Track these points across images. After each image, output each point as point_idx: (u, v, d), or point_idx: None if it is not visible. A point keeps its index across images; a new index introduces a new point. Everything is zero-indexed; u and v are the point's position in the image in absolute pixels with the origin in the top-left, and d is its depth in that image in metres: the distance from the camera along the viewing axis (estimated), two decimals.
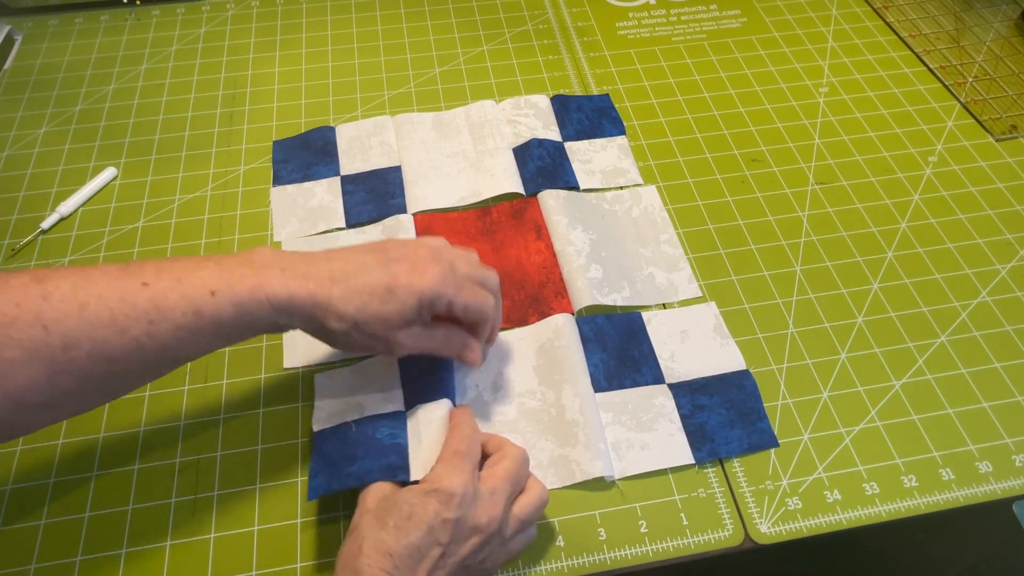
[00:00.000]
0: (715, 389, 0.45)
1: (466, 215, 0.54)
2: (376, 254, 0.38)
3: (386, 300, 0.37)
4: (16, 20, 0.70)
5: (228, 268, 0.35)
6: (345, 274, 0.37)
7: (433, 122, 0.61)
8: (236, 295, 0.35)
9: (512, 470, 0.37)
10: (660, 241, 0.53)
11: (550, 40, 0.69)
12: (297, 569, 0.39)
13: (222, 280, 0.35)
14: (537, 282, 0.50)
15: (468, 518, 0.34)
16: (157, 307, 0.33)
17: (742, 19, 0.72)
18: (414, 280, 0.37)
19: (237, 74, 0.65)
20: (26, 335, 0.31)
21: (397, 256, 0.38)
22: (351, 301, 0.36)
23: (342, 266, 0.37)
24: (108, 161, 0.58)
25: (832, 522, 0.41)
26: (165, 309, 0.34)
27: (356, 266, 0.37)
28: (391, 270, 0.37)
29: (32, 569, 0.39)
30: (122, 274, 0.34)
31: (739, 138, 0.60)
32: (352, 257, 0.38)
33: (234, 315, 0.35)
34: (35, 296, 0.32)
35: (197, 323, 0.34)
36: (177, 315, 0.34)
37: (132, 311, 0.33)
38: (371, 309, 0.37)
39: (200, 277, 0.35)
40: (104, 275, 0.34)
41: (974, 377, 0.46)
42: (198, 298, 0.34)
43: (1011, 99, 0.63)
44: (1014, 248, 0.53)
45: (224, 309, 0.35)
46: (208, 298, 0.34)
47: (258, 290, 0.35)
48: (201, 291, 0.34)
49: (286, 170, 0.58)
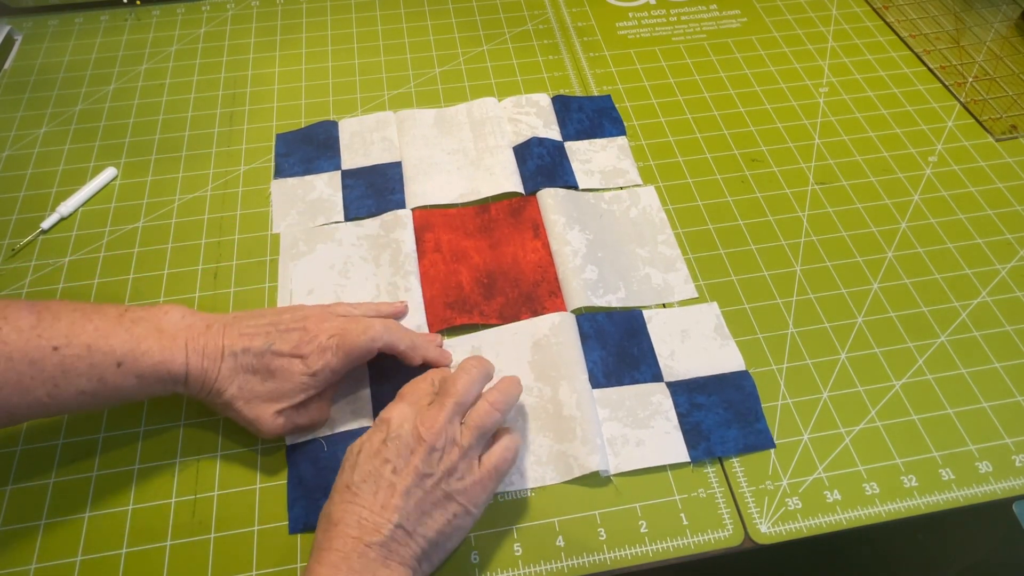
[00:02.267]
0: (713, 389, 0.45)
1: (464, 211, 0.54)
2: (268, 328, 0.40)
3: (266, 379, 0.39)
4: (16, 20, 0.70)
5: (137, 338, 0.37)
6: (234, 352, 0.39)
7: (435, 118, 0.61)
8: (140, 368, 0.37)
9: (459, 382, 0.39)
10: (658, 241, 0.53)
11: (550, 40, 0.69)
12: (297, 569, 0.39)
13: (129, 352, 0.37)
14: (532, 281, 0.50)
15: (407, 432, 0.36)
16: (64, 372, 0.35)
17: (742, 19, 0.72)
18: (293, 366, 0.39)
19: (237, 74, 0.65)
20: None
21: (286, 331, 0.40)
22: (234, 381, 0.39)
23: (233, 343, 0.39)
24: (108, 161, 0.58)
25: (832, 522, 0.41)
26: (71, 375, 0.35)
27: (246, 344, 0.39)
28: (274, 350, 0.39)
29: (32, 569, 0.39)
30: (35, 332, 0.35)
31: (739, 138, 0.60)
32: (247, 332, 0.40)
33: (135, 385, 0.37)
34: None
35: (99, 389, 0.36)
36: (82, 381, 0.36)
37: (39, 375, 0.35)
38: (250, 388, 0.39)
39: (110, 345, 0.36)
40: (17, 332, 0.35)
41: (974, 377, 0.46)
42: (104, 368, 0.36)
43: (1011, 99, 0.63)
44: (1014, 248, 0.53)
45: (127, 380, 0.37)
46: (113, 369, 0.36)
47: (160, 366, 0.37)
48: (108, 361, 0.36)
49: (288, 163, 0.58)
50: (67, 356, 0.35)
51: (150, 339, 0.37)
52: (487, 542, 0.40)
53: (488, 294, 0.50)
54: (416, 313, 0.48)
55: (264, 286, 0.50)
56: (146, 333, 0.37)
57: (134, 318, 0.38)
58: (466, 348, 0.47)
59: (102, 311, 0.38)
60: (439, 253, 0.52)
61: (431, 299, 0.49)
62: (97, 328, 0.37)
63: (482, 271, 0.51)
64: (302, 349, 0.40)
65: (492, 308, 0.49)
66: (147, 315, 0.39)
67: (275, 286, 0.50)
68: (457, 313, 0.48)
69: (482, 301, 0.49)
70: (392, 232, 0.53)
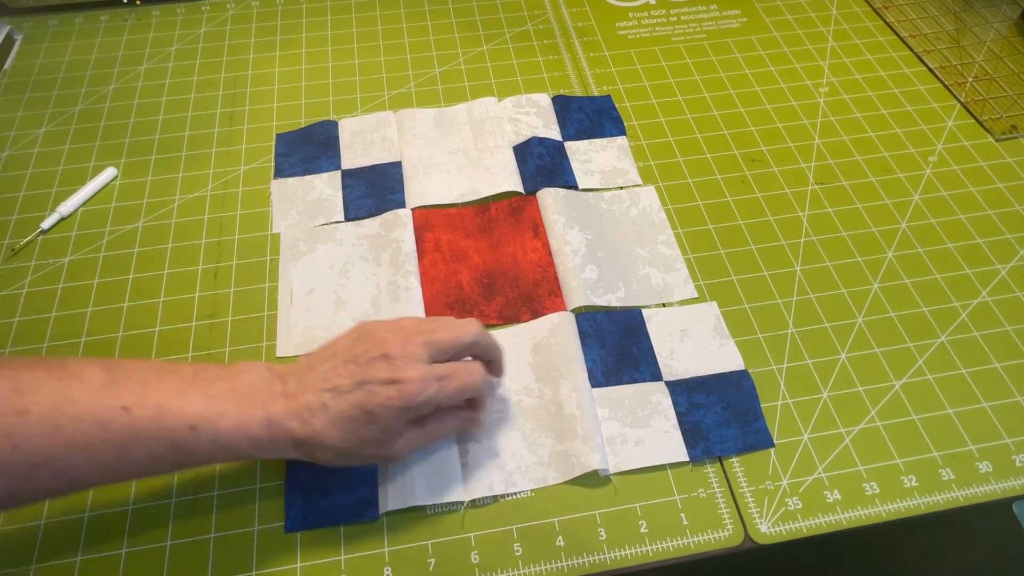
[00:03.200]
0: (712, 388, 0.45)
1: (464, 211, 0.54)
2: (350, 366, 0.36)
3: (369, 422, 0.35)
4: (16, 20, 0.70)
5: (212, 398, 0.34)
6: (323, 403, 0.35)
7: (435, 118, 0.61)
8: (216, 433, 0.34)
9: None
10: (658, 242, 0.53)
11: (550, 40, 0.69)
12: (297, 569, 0.39)
13: (204, 414, 0.34)
14: (531, 280, 0.50)
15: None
16: (134, 436, 0.32)
17: (742, 19, 0.72)
18: (392, 396, 0.35)
19: (237, 74, 0.65)
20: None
21: (368, 363, 0.36)
22: (334, 433, 0.35)
23: (318, 396, 0.35)
24: (108, 161, 0.58)
25: (832, 522, 0.41)
26: (142, 438, 0.33)
27: (332, 390, 0.36)
28: (367, 388, 0.35)
29: (32, 569, 0.39)
30: (104, 391, 0.32)
31: (739, 138, 0.60)
32: (328, 377, 0.36)
33: (211, 450, 0.34)
34: (11, 410, 0.30)
35: (172, 455, 0.34)
36: (153, 445, 0.33)
37: (108, 438, 0.32)
38: (356, 435, 0.36)
39: (182, 406, 0.33)
40: (86, 390, 0.32)
41: (974, 377, 0.46)
42: (176, 431, 0.33)
43: (1011, 99, 0.63)
44: (1014, 248, 0.53)
45: (202, 445, 0.34)
46: (187, 433, 0.33)
47: (238, 430, 0.34)
48: (181, 425, 0.33)
49: (288, 163, 0.58)
50: (137, 418, 0.32)
51: (226, 400, 0.34)
52: (487, 542, 0.40)
53: (488, 294, 0.50)
54: (416, 312, 0.48)
55: (264, 286, 0.50)
56: (221, 394, 0.35)
57: (209, 377, 0.35)
58: None
59: (176, 370, 0.35)
60: (439, 253, 0.52)
61: (431, 299, 0.49)
62: (170, 388, 0.34)
63: (482, 271, 0.51)
64: (395, 375, 0.36)
65: (492, 308, 0.49)
66: (223, 374, 0.36)
67: (275, 286, 0.50)
68: (457, 313, 0.48)
69: (482, 301, 0.49)
70: (392, 231, 0.53)
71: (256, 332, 0.48)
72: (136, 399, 0.33)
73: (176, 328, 0.48)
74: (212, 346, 0.47)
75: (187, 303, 0.50)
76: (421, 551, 0.40)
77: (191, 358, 0.47)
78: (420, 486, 0.41)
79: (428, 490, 0.41)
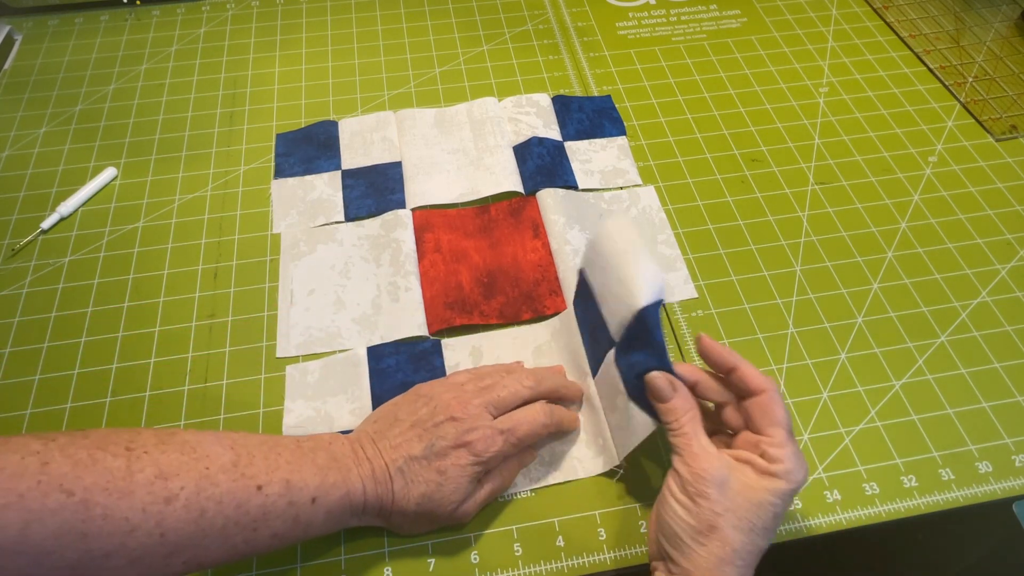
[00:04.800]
0: None
1: (464, 212, 0.54)
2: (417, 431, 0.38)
3: (441, 484, 0.36)
4: (16, 20, 0.70)
5: (322, 469, 0.35)
6: (399, 468, 0.36)
7: (435, 118, 0.61)
8: (329, 503, 0.34)
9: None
10: (658, 241, 0.53)
11: (550, 40, 0.69)
12: (297, 569, 0.39)
13: (320, 486, 0.34)
14: (532, 280, 0.50)
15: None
16: (264, 514, 0.32)
17: (742, 19, 0.72)
18: (462, 457, 0.37)
19: (237, 74, 0.65)
20: (140, 544, 0.29)
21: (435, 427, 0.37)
22: (411, 496, 0.36)
23: (393, 462, 0.37)
24: (108, 161, 0.58)
25: (832, 522, 0.41)
26: (271, 517, 0.32)
27: (406, 455, 0.37)
28: (438, 450, 0.37)
29: None
30: (237, 471, 0.32)
31: (739, 138, 0.60)
32: (399, 444, 0.37)
33: (322, 521, 0.35)
34: (161, 498, 0.29)
35: (291, 531, 0.33)
36: (279, 523, 0.33)
37: (243, 519, 0.32)
38: (429, 498, 0.36)
39: (304, 480, 0.34)
40: (223, 473, 0.31)
41: (974, 377, 0.46)
42: (300, 506, 0.33)
43: (1011, 99, 0.63)
44: (1014, 248, 0.53)
45: (317, 516, 0.34)
46: (308, 506, 0.34)
47: (345, 499, 0.35)
48: (304, 498, 0.33)
49: (288, 163, 0.58)
50: (269, 496, 0.32)
51: (333, 471, 0.35)
52: (487, 542, 0.40)
53: (488, 294, 0.50)
54: (416, 313, 0.48)
55: (264, 286, 0.50)
56: (328, 464, 0.35)
57: (311, 448, 0.35)
58: (466, 350, 0.47)
59: (281, 442, 0.35)
60: (439, 253, 0.52)
61: (431, 299, 0.49)
62: (289, 462, 0.34)
63: (482, 271, 0.51)
64: (464, 438, 0.37)
65: (492, 308, 0.49)
66: (318, 445, 0.36)
67: (275, 286, 0.50)
68: (457, 313, 0.48)
69: (482, 301, 0.49)
70: (392, 232, 0.53)
71: (256, 332, 0.48)
72: (266, 477, 0.33)
73: (176, 328, 0.48)
74: (212, 346, 0.47)
75: (187, 303, 0.50)
76: (421, 551, 0.39)
77: (191, 358, 0.47)
78: None
79: None
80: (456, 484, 0.37)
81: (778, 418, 0.34)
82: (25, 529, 0.26)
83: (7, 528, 0.25)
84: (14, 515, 0.26)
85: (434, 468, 0.36)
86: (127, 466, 0.29)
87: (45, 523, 0.26)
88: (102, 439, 0.30)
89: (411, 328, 0.47)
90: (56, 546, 0.27)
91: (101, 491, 0.28)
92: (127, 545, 0.28)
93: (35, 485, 0.26)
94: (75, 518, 0.27)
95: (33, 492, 0.26)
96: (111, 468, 0.28)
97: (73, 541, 0.27)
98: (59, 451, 0.28)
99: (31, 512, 0.26)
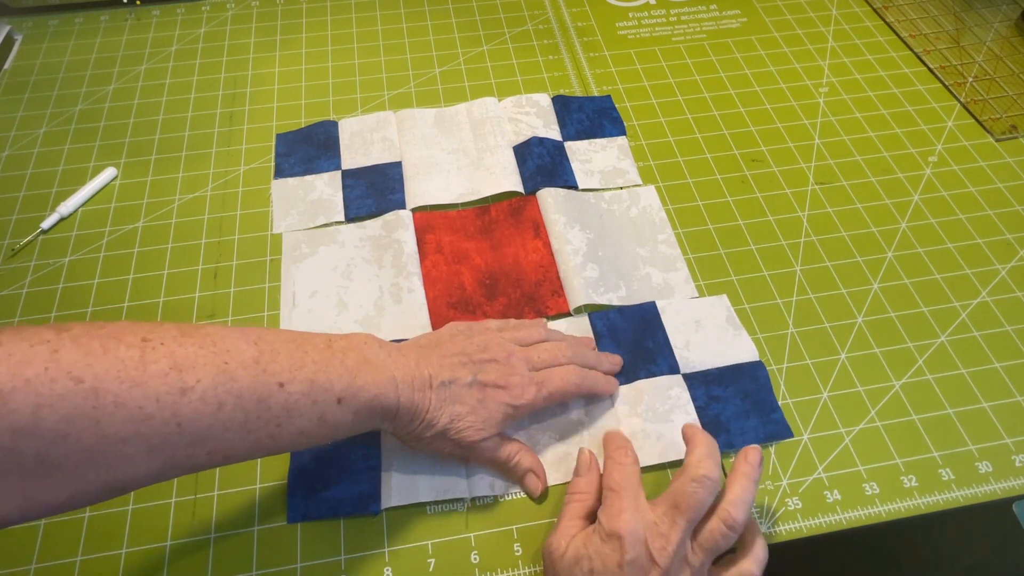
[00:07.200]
0: (729, 380, 0.45)
1: (465, 213, 0.54)
2: (462, 358, 0.39)
3: (473, 411, 0.38)
4: (16, 20, 0.70)
5: (351, 370, 0.35)
6: (446, 380, 0.38)
7: (435, 118, 0.61)
8: (357, 404, 0.35)
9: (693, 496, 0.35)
10: (658, 241, 0.53)
11: (550, 40, 0.69)
12: (297, 569, 0.39)
13: (347, 386, 0.34)
14: (534, 280, 0.50)
15: (642, 556, 0.34)
16: (287, 412, 0.32)
17: (742, 19, 0.72)
18: (502, 396, 0.39)
19: (237, 74, 0.65)
20: (157, 432, 0.29)
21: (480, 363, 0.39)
22: (446, 410, 0.38)
23: (441, 372, 0.38)
24: (108, 161, 0.58)
25: (832, 522, 0.41)
26: (294, 415, 0.33)
27: (453, 373, 0.38)
28: (480, 380, 0.39)
29: (32, 569, 0.39)
30: (259, 367, 0.32)
31: (739, 138, 0.60)
32: (445, 364, 0.39)
33: (350, 422, 0.35)
34: (176, 389, 0.29)
35: (317, 429, 0.34)
36: (303, 421, 0.33)
37: (265, 414, 0.32)
38: (461, 420, 0.38)
39: (329, 381, 0.34)
40: (243, 368, 0.32)
41: (974, 377, 0.46)
42: (325, 405, 0.34)
43: (1011, 99, 0.63)
44: (1014, 248, 0.53)
45: (344, 416, 0.34)
46: (334, 406, 0.34)
47: (375, 400, 0.35)
48: (329, 398, 0.34)
49: (288, 163, 0.58)
50: (292, 393, 0.32)
51: (364, 372, 0.35)
52: (487, 542, 0.40)
53: (490, 295, 0.50)
54: (419, 314, 0.48)
55: (264, 286, 0.50)
56: (358, 365, 0.35)
57: (342, 348, 0.36)
58: None
59: (311, 340, 0.35)
60: (440, 254, 0.52)
61: (434, 300, 0.49)
62: (315, 362, 0.34)
63: (484, 272, 0.51)
64: (504, 380, 0.39)
65: (495, 309, 0.49)
66: (350, 345, 0.36)
67: (275, 286, 0.50)
68: (460, 313, 0.48)
69: (484, 302, 0.49)
70: (394, 232, 0.53)
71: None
72: (289, 375, 0.33)
73: None
74: None
75: (187, 303, 0.50)
76: (421, 551, 0.40)
77: None
78: (422, 483, 0.41)
79: (430, 487, 0.41)
80: (489, 414, 0.38)
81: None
82: (36, 412, 0.26)
83: (19, 411, 0.26)
84: (22, 398, 0.26)
85: (475, 393, 0.38)
86: (141, 356, 0.29)
87: (55, 407, 0.27)
88: (119, 330, 0.30)
89: (415, 329, 0.47)
90: (70, 429, 0.27)
91: (113, 380, 0.28)
92: (143, 432, 0.29)
93: (42, 371, 0.27)
94: (86, 404, 0.27)
95: (40, 377, 0.27)
96: (123, 358, 0.29)
97: (87, 426, 0.27)
98: (71, 340, 0.28)
99: (40, 396, 0.27)
